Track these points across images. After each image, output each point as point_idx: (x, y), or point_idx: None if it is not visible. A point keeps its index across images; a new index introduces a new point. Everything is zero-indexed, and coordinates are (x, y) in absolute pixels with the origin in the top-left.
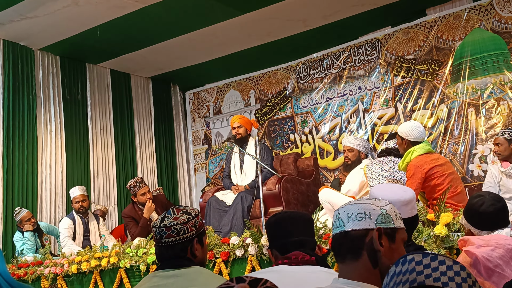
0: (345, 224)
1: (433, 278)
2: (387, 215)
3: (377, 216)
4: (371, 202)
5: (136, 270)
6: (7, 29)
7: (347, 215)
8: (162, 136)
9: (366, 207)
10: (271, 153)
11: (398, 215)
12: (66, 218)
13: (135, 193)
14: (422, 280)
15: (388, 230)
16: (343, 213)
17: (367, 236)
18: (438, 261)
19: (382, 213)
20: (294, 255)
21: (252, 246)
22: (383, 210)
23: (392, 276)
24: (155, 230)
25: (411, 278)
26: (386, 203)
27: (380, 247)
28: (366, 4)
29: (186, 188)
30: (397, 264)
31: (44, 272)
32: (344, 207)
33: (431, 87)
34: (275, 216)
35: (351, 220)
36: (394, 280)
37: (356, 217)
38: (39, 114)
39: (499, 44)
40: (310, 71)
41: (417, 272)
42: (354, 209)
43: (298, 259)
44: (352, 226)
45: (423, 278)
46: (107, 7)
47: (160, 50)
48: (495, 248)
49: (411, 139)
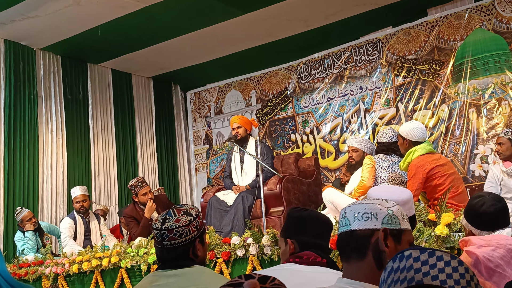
0: (351, 223)
1: (431, 276)
2: (394, 216)
3: (383, 217)
4: (378, 203)
5: (137, 270)
6: (9, 28)
7: (353, 214)
8: (163, 136)
9: (373, 207)
10: (272, 152)
11: (405, 216)
12: (67, 218)
13: (136, 193)
14: (420, 278)
15: (394, 231)
16: (349, 212)
17: (373, 236)
18: (436, 256)
19: (389, 214)
20: (306, 255)
21: (253, 246)
22: (390, 211)
23: (389, 272)
24: (157, 232)
25: (409, 276)
26: (394, 204)
27: (385, 247)
28: (367, 4)
29: (187, 188)
30: (394, 259)
31: (45, 272)
32: (351, 206)
33: (432, 87)
34: (309, 213)
35: (357, 219)
36: (392, 277)
37: (363, 216)
38: (40, 114)
39: (500, 44)
40: (311, 71)
41: (415, 270)
42: (360, 208)
43: (310, 259)
44: (358, 226)
45: (421, 276)
46: (108, 6)
47: (161, 50)
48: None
49: (412, 139)
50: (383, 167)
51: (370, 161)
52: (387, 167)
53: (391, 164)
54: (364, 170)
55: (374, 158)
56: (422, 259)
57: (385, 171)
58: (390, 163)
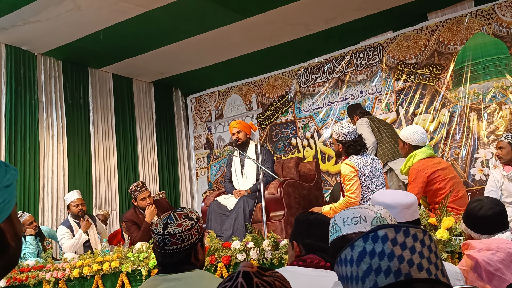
0: (341, 229)
1: (416, 265)
2: (382, 218)
3: (372, 219)
4: (366, 207)
5: (137, 274)
6: (10, 33)
7: (343, 220)
8: (164, 141)
9: (361, 211)
10: (272, 156)
11: (393, 219)
12: (62, 227)
13: (135, 197)
14: (407, 270)
15: None
16: (338, 219)
17: None
18: (411, 236)
19: (377, 216)
20: (310, 258)
21: (253, 250)
22: (378, 214)
23: (362, 254)
24: (158, 237)
25: (394, 268)
26: (381, 208)
27: None
28: (367, 8)
29: (188, 192)
30: (365, 239)
31: (46, 277)
32: (339, 213)
33: (432, 91)
34: (317, 217)
35: (347, 224)
36: (369, 263)
37: (352, 221)
38: (41, 119)
39: (500, 48)
40: (311, 76)
41: (398, 258)
42: (349, 214)
43: (313, 263)
44: (349, 230)
45: (407, 267)
46: (109, 11)
47: (162, 54)
48: (496, 252)
49: (413, 143)
50: (364, 174)
51: (350, 167)
52: (369, 173)
53: (372, 168)
54: (346, 180)
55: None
56: (400, 241)
57: (368, 179)
58: (371, 167)
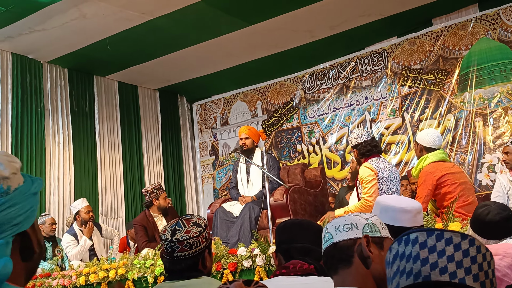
0: (334, 236)
1: (440, 268)
2: (373, 225)
3: (363, 225)
4: (357, 215)
5: (144, 281)
6: (16, 42)
7: (335, 228)
8: (170, 148)
9: (353, 218)
10: (278, 163)
11: (384, 226)
12: (67, 235)
13: (157, 196)
14: (428, 273)
15: (375, 239)
16: (331, 227)
17: (356, 245)
18: (444, 239)
19: (368, 223)
20: (292, 264)
21: (259, 257)
22: (369, 220)
23: (395, 256)
24: (166, 244)
25: (415, 270)
26: (372, 215)
27: (369, 253)
28: (372, 14)
29: (194, 199)
30: (399, 242)
31: (52, 284)
32: (331, 222)
33: (438, 96)
34: (285, 221)
35: (339, 231)
36: (397, 264)
37: (344, 228)
38: (47, 126)
39: (505, 53)
40: (316, 82)
41: (421, 261)
42: (341, 221)
43: (297, 268)
44: (341, 237)
45: (428, 270)
46: (114, 19)
47: (167, 62)
48: (504, 257)
49: (425, 144)
50: (382, 178)
51: (370, 171)
52: (387, 178)
53: (391, 174)
54: (365, 183)
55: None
56: (430, 244)
57: (386, 183)
58: (389, 173)
